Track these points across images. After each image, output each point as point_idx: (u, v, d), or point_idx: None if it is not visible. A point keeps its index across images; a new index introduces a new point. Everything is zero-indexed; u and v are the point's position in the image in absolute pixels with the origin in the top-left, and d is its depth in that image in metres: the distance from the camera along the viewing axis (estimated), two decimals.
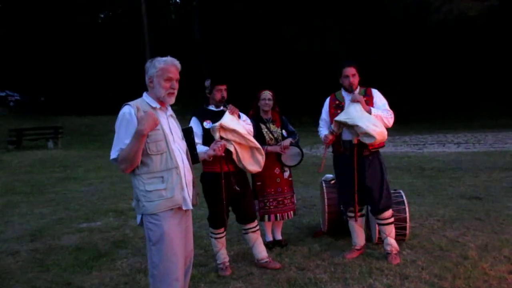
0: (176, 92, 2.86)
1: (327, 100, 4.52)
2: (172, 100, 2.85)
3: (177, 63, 2.85)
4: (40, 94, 33.43)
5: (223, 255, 4.22)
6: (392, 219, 4.37)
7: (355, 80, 4.29)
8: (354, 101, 4.17)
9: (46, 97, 33.29)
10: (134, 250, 4.94)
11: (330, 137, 4.30)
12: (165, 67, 2.80)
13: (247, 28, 29.35)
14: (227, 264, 4.22)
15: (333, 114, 4.34)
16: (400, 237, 4.68)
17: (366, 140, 4.08)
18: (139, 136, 2.64)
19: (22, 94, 31.76)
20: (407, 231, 4.69)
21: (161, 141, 2.76)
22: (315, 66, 28.00)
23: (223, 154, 3.87)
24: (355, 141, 4.18)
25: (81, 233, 5.73)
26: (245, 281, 3.96)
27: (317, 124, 4.60)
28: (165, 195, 2.74)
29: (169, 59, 2.84)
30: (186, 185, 2.87)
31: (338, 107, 4.36)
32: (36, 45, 30.40)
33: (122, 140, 2.71)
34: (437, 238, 4.85)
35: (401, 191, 4.87)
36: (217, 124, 3.85)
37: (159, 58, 2.85)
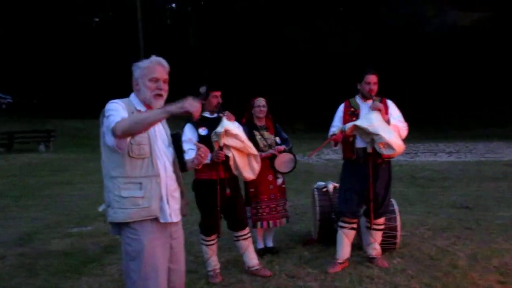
0: (164, 94, 2.61)
1: (341, 106, 4.45)
2: (160, 103, 2.59)
3: (164, 62, 2.63)
4: (33, 96, 33.26)
5: (214, 262, 4.20)
6: (383, 226, 4.45)
7: (375, 88, 4.27)
8: (375, 109, 4.11)
9: (39, 100, 33.14)
10: None
11: (338, 133, 4.20)
12: (150, 66, 2.59)
13: (241, 35, 29.47)
14: (218, 271, 4.20)
15: (347, 121, 4.26)
16: (390, 246, 4.69)
17: (385, 152, 4.02)
18: (166, 113, 2.34)
19: (15, 96, 31.59)
20: (398, 240, 4.70)
21: (145, 145, 2.53)
22: (307, 73, 28.15)
23: (224, 158, 3.88)
24: (370, 150, 4.13)
25: (71, 238, 5.69)
26: None
27: (309, 131, 4.60)
28: (141, 204, 2.48)
29: (155, 58, 2.62)
30: (167, 196, 2.61)
31: (353, 114, 4.30)
32: (29, 47, 30.29)
33: (118, 113, 2.44)
34: (427, 247, 4.87)
35: (392, 199, 4.88)
36: (221, 129, 3.82)
37: (144, 60, 2.64)
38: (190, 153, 3.64)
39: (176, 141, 2.70)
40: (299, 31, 27.81)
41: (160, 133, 2.70)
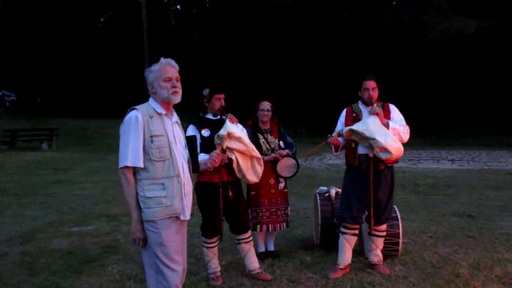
0: (180, 91, 2.86)
1: (344, 112, 4.46)
2: (177, 98, 2.85)
3: (173, 62, 2.88)
4: (37, 95, 33.33)
5: (215, 265, 4.20)
6: (385, 233, 4.43)
7: (375, 94, 4.25)
8: (372, 113, 4.11)
9: (42, 98, 33.20)
10: (125, 256, 4.90)
11: (335, 135, 4.23)
12: (161, 68, 2.83)
13: (245, 38, 29.49)
14: (218, 274, 4.19)
15: (349, 126, 4.23)
16: (392, 253, 4.68)
17: (382, 155, 4.01)
18: (132, 217, 2.74)
19: (19, 94, 31.65)
20: (400, 247, 4.69)
21: (164, 147, 2.76)
22: (310, 78, 28.15)
23: (227, 161, 3.87)
24: (371, 155, 4.13)
25: (72, 237, 5.69)
26: None
27: (312, 136, 4.59)
28: (164, 202, 2.73)
29: (164, 60, 2.87)
30: (185, 195, 2.86)
31: (355, 119, 4.28)
32: (34, 46, 30.38)
33: (130, 148, 2.71)
34: (429, 255, 4.85)
35: (394, 206, 4.87)
36: (224, 132, 3.82)
37: (154, 64, 2.89)
38: (199, 156, 3.67)
39: (192, 144, 2.97)
40: (291, 40, 27.70)
41: (178, 135, 2.94)
